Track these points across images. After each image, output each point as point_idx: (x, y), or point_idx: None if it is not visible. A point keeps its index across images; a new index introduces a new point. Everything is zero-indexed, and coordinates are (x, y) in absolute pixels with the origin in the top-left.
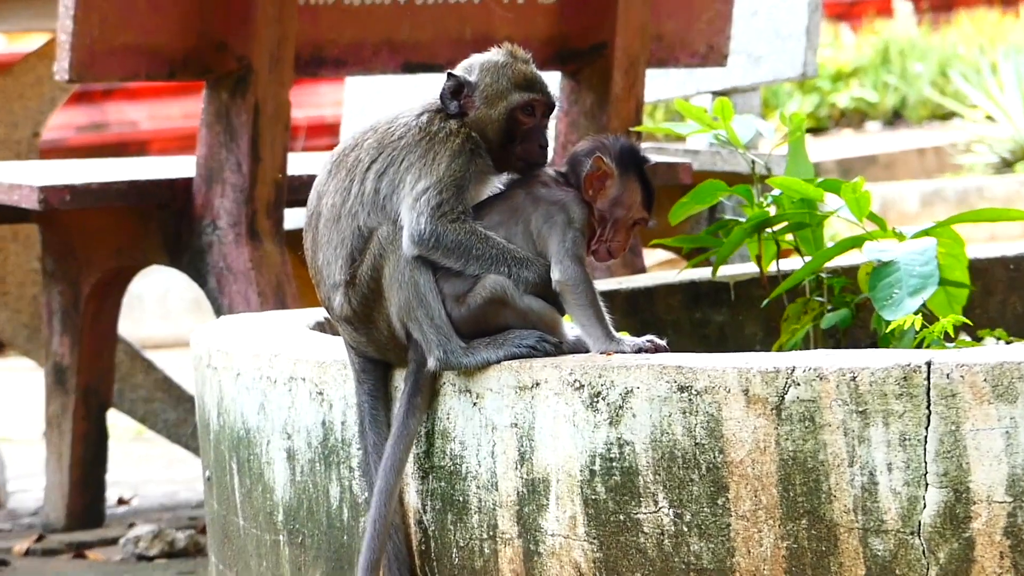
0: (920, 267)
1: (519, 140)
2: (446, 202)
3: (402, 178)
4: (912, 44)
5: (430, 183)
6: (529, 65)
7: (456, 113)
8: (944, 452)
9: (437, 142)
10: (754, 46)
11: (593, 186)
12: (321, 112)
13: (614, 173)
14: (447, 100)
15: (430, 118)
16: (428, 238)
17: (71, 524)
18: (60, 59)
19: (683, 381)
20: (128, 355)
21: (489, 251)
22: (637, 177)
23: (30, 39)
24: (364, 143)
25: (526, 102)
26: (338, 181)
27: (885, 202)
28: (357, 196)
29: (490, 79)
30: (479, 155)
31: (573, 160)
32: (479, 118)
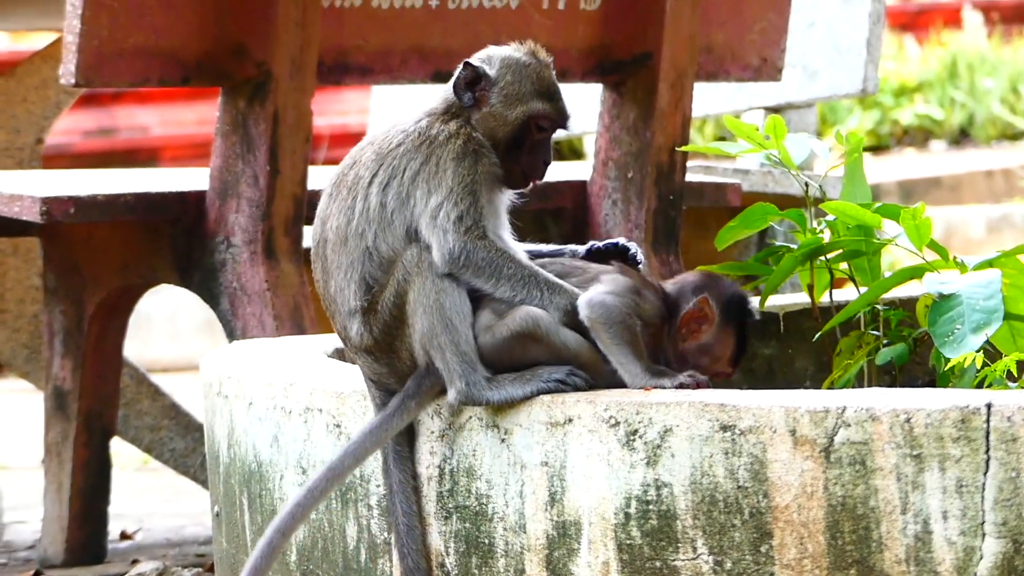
0: (984, 301)
1: (526, 150)
2: (466, 214)
3: (409, 192)
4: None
5: (443, 196)
6: (552, 72)
7: (469, 105)
8: (1003, 500)
9: (437, 146)
10: (810, 59)
11: (688, 326)
12: (346, 120)
13: (715, 321)
14: (461, 90)
15: (429, 122)
16: (458, 256)
17: (70, 559)
18: (66, 61)
19: (726, 420)
20: (134, 379)
21: (520, 272)
22: (736, 332)
23: (35, 38)
24: (362, 158)
25: (546, 113)
26: (340, 202)
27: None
28: (362, 213)
29: (511, 77)
30: (484, 155)
31: (680, 289)
32: (492, 115)
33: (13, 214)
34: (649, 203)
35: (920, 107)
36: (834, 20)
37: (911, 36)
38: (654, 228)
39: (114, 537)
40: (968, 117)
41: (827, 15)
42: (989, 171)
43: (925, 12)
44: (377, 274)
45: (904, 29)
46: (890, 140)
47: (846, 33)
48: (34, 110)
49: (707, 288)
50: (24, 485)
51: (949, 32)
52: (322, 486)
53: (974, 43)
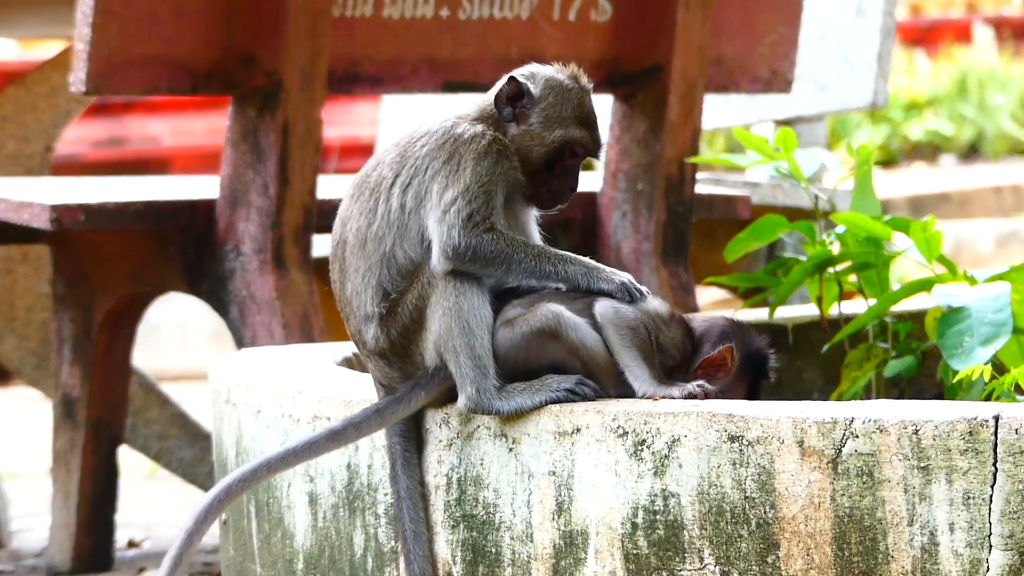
0: (993, 314)
1: (556, 173)
2: (477, 211)
3: (428, 188)
4: (992, 74)
5: (457, 192)
6: (591, 98)
7: (508, 120)
8: (1010, 513)
9: (461, 144)
10: (821, 72)
11: (707, 370)
12: (356, 131)
13: (733, 371)
14: (503, 103)
15: (455, 123)
16: (464, 251)
17: (77, 567)
18: (76, 69)
19: (734, 430)
20: (142, 388)
21: (530, 253)
22: (749, 385)
23: (45, 47)
24: (387, 159)
25: (583, 141)
26: (362, 203)
27: (958, 242)
28: (384, 216)
29: (554, 99)
30: (506, 158)
31: (707, 330)
32: (529, 133)
33: (23, 221)
34: (659, 215)
35: (930, 122)
36: (845, 33)
37: (921, 51)
38: (663, 240)
39: (121, 545)
40: (978, 133)
41: (838, 28)
42: (998, 187)
43: (936, 27)
44: (395, 281)
45: (914, 44)
46: (899, 155)
47: (857, 47)
48: (44, 118)
49: (733, 337)
50: (32, 493)
51: (959, 48)
52: (319, 443)
53: (984, 59)
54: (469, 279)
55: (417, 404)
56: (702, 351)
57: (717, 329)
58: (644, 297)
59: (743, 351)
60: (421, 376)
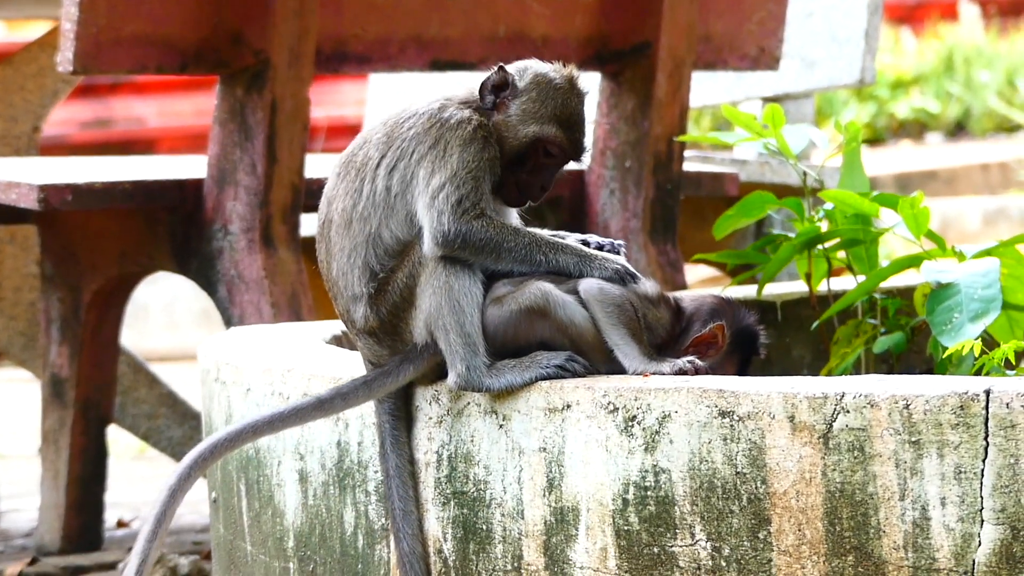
0: (982, 290)
1: (527, 170)
2: (466, 197)
3: (414, 172)
4: (978, 51)
5: (445, 177)
6: (582, 105)
7: (488, 107)
8: (1002, 487)
9: (447, 129)
10: (808, 50)
11: (698, 348)
12: (342, 112)
13: (723, 349)
14: (486, 91)
15: (443, 105)
16: (453, 238)
17: (67, 547)
18: (64, 49)
19: (724, 406)
20: (131, 367)
21: (521, 241)
22: (739, 362)
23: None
24: (373, 139)
25: (556, 140)
26: (348, 183)
27: (945, 219)
28: (369, 197)
29: (536, 95)
30: (491, 145)
31: (697, 309)
32: (506, 124)
33: (10, 201)
34: (647, 192)
35: (916, 100)
36: (832, 10)
37: (908, 29)
38: (652, 217)
39: (110, 525)
40: (964, 110)
41: (825, 5)
42: (985, 164)
43: (922, 5)
44: (383, 260)
45: (901, 22)
46: (886, 133)
47: (844, 24)
48: (31, 98)
49: (723, 315)
50: (21, 473)
51: (946, 25)
52: (306, 411)
53: (971, 36)
54: (448, 258)
55: (405, 378)
56: (692, 329)
57: (707, 307)
58: (637, 281)
59: (733, 328)
60: (410, 351)
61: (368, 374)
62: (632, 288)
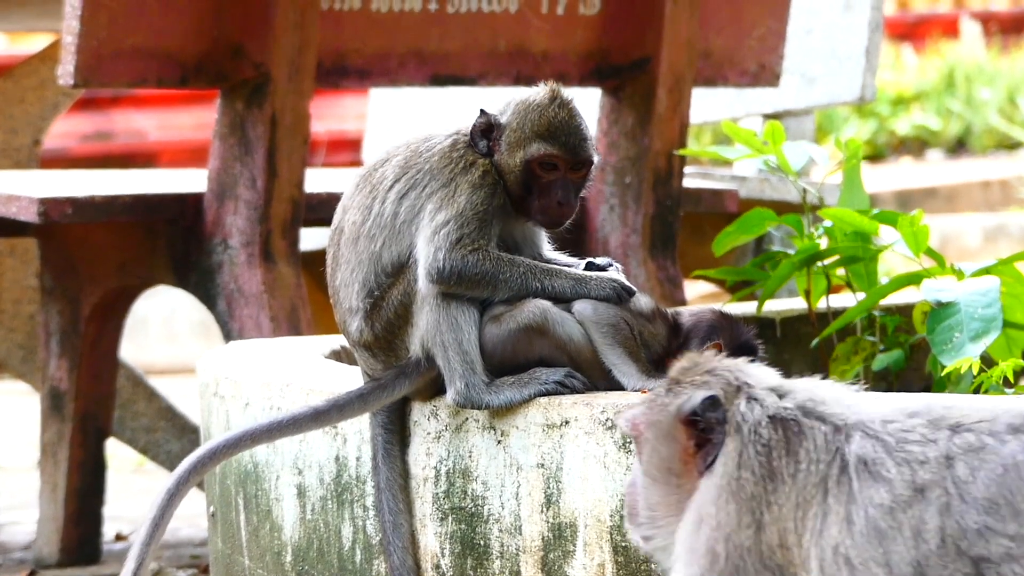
0: (982, 309)
1: (536, 194)
2: (467, 235)
3: (423, 205)
4: (979, 68)
5: (450, 215)
6: (564, 110)
7: (484, 153)
8: None
9: (458, 172)
10: (809, 66)
11: None
12: (343, 126)
13: None
14: (476, 138)
15: (454, 143)
16: (448, 274)
17: (65, 560)
18: (64, 61)
19: None
20: (130, 381)
21: (516, 271)
22: None
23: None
24: (393, 159)
25: (543, 155)
26: (362, 197)
27: (945, 237)
28: (377, 217)
29: (517, 122)
30: (499, 192)
31: (694, 325)
32: (501, 162)
33: (10, 214)
34: (647, 208)
35: (917, 117)
36: (833, 27)
37: (909, 46)
38: (651, 233)
39: (109, 538)
40: (965, 127)
41: (826, 22)
42: (986, 181)
43: (923, 22)
44: (380, 278)
45: (902, 39)
46: (887, 150)
47: (844, 41)
48: (32, 111)
49: (720, 331)
50: (19, 486)
51: (947, 42)
52: (303, 421)
53: (972, 53)
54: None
55: (400, 392)
56: (690, 346)
57: (705, 323)
58: (633, 296)
59: (731, 345)
60: (405, 365)
61: (364, 386)
62: (627, 306)
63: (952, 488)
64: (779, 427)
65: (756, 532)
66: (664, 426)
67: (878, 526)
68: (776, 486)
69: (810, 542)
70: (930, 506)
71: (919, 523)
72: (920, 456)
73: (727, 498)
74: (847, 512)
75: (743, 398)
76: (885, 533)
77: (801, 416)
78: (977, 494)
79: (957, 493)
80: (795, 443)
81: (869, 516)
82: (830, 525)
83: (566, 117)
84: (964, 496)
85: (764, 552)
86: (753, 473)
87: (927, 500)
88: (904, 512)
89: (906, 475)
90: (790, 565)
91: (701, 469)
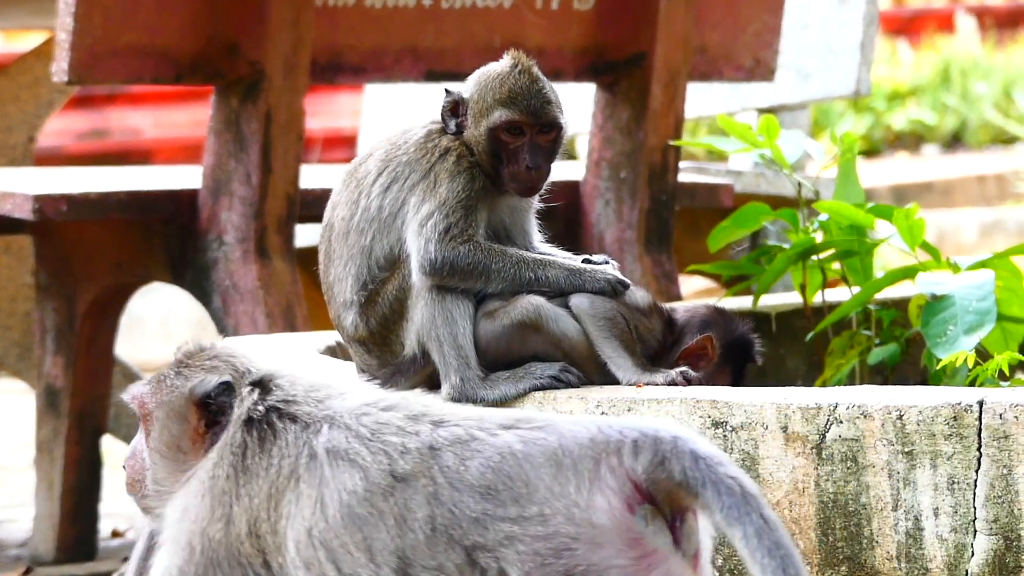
0: (977, 302)
1: (506, 162)
2: (454, 225)
3: (406, 198)
4: (975, 63)
5: (434, 207)
6: (525, 76)
7: (454, 132)
8: (995, 497)
9: (435, 161)
10: (804, 61)
11: (688, 360)
12: (338, 122)
13: (714, 361)
14: (446, 118)
15: (428, 133)
16: (440, 266)
17: (61, 557)
18: (59, 59)
19: (718, 416)
20: (126, 378)
21: (508, 261)
22: (732, 372)
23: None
24: (375, 154)
25: (506, 121)
26: (349, 193)
27: (941, 231)
28: (364, 211)
29: (478, 94)
30: (478, 175)
31: (689, 320)
32: (471, 137)
33: (5, 212)
34: (642, 203)
35: (913, 112)
36: (828, 22)
37: (904, 41)
38: (647, 228)
39: (105, 535)
40: (961, 122)
41: (820, 17)
42: (981, 176)
43: (919, 17)
44: (373, 272)
45: (897, 34)
46: (882, 144)
47: (840, 35)
48: (27, 108)
49: (714, 326)
50: (15, 483)
51: (942, 37)
52: None
53: (967, 48)
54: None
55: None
56: (684, 340)
57: (698, 319)
58: (628, 289)
59: (725, 338)
60: (400, 362)
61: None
62: (623, 299)
63: (440, 477)
64: (254, 428)
65: (226, 525)
66: (176, 406)
67: (355, 512)
68: (248, 480)
69: (286, 526)
70: (416, 495)
71: (403, 511)
72: (399, 446)
73: (203, 493)
74: (320, 495)
75: (242, 390)
76: (364, 519)
77: (275, 418)
78: (472, 481)
79: (447, 482)
80: (268, 443)
81: (343, 501)
82: (303, 508)
83: (527, 82)
84: (455, 484)
85: (233, 544)
86: (227, 470)
87: (412, 489)
88: (385, 500)
89: (383, 463)
90: (264, 553)
91: (207, 448)
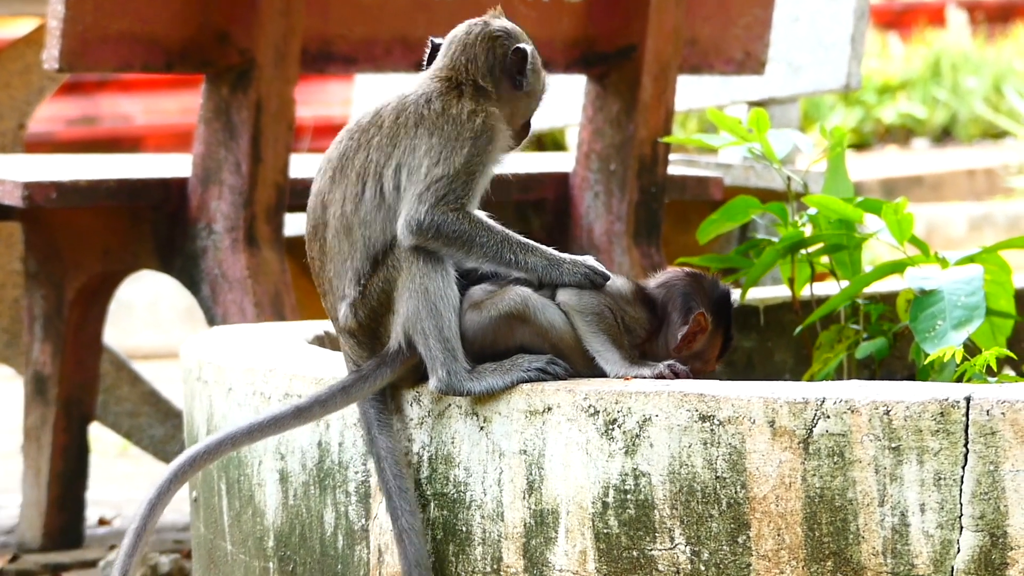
0: (966, 297)
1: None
2: (452, 191)
3: (420, 162)
4: (965, 57)
5: (445, 172)
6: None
7: (521, 88)
8: (981, 493)
9: (460, 125)
10: (794, 54)
11: (688, 343)
12: (329, 111)
13: (709, 329)
14: (514, 76)
15: (445, 101)
16: (427, 228)
17: (48, 544)
18: (50, 46)
19: (705, 410)
20: (114, 365)
21: (494, 238)
22: (723, 330)
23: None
24: (372, 142)
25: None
26: (349, 187)
27: (930, 225)
28: (374, 199)
29: (532, 50)
30: (500, 132)
31: (667, 297)
32: (530, 95)
33: None
34: (631, 195)
35: (903, 105)
36: (818, 15)
37: (895, 34)
38: (636, 220)
39: (92, 523)
40: (951, 116)
41: (811, 10)
42: (971, 170)
43: (909, 11)
44: (367, 267)
45: (888, 27)
46: (872, 138)
47: (830, 28)
48: (17, 95)
49: (695, 296)
50: (2, 470)
51: (933, 31)
52: (285, 419)
53: (958, 42)
54: (434, 260)
55: (382, 382)
56: (671, 320)
57: (678, 293)
58: (608, 280)
59: (709, 303)
60: (386, 354)
61: (345, 379)
62: (606, 289)
63: None
64: None
65: None
66: None
67: None
68: None
69: None
70: None
71: None
72: None
73: None
74: None
75: None
76: None
77: None
78: None
79: None
80: None
81: None
82: None
83: None
84: None
85: None
86: None
87: None
88: None
89: None
90: None
91: None
